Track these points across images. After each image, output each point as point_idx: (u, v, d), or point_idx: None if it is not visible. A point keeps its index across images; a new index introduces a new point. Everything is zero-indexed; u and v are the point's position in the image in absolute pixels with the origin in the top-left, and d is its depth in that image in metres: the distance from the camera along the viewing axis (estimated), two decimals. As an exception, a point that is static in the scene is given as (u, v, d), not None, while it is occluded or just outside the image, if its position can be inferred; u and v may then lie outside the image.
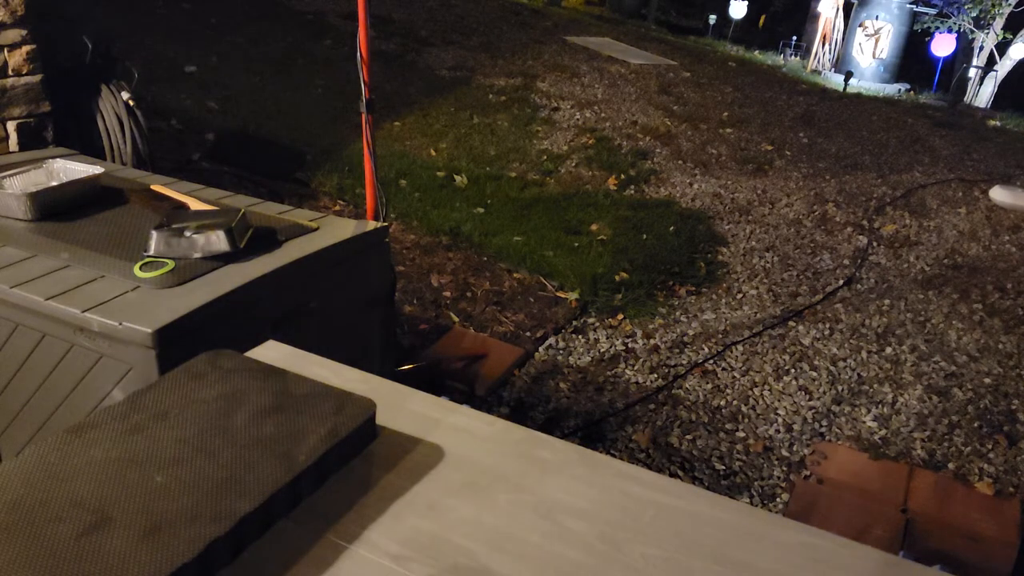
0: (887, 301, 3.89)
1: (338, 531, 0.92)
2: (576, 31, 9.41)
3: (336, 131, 5.16)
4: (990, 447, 2.86)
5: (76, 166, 2.12)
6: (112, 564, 0.79)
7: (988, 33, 10.82)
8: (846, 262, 4.32)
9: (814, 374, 3.26)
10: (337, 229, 2.04)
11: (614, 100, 6.82)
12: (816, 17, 11.59)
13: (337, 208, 4.31)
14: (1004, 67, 10.77)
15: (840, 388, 3.17)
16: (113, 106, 3.28)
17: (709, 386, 3.15)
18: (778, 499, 2.60)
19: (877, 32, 10.83)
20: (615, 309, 3.63)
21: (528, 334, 3.36)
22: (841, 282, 4.06)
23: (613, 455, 2.68)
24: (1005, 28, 10.77)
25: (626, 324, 3.53)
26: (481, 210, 4.45)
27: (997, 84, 10.79)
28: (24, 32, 2.95)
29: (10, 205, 1.91)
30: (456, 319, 3.42)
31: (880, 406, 3.08)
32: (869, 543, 0.95)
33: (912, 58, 11.30)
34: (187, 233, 1.75)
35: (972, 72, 10.86)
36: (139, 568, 0.78)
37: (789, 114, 7.15)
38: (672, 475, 2.64)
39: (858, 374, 3.28)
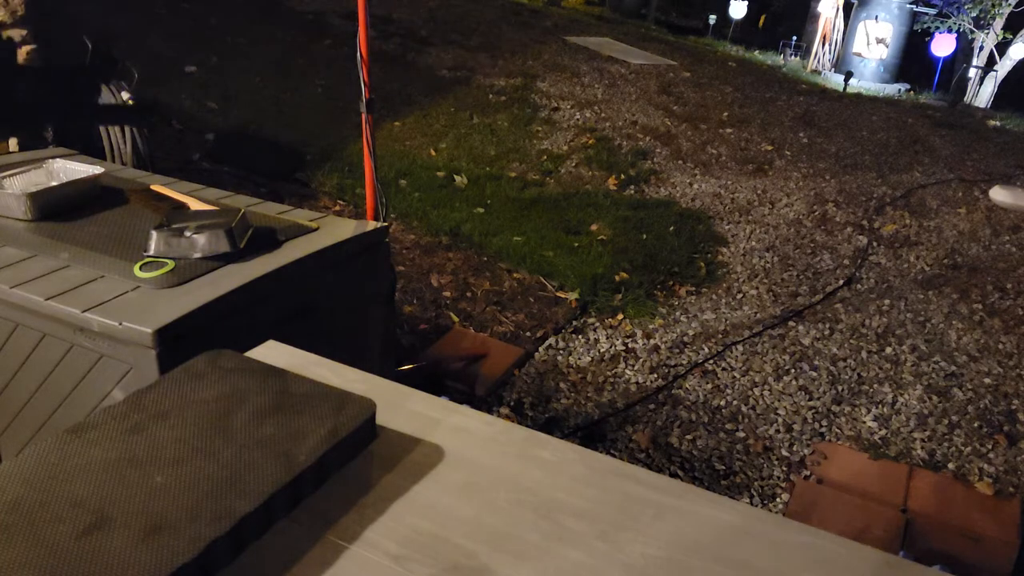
0: (887, 301, 3.89)
1: (338, 531, 0.92)
2: (576, 31, 9.41)
3: (336, 131, 5.16)
4: (990, 447, 2.86)
5: (76, 166, 2.12)
6: (112, 564, 0.79)
7: (988, 33, 10.82)
8: (846, 262, 4.32)
9: (814, 374, 3.26)
10: (337, 229, 2.04)
11: (614, 100, 6.82)
12: (816, 17, 11.59)
13: (337, 208, 4.31)
14: (1004, 67, 10.77)
15: (840, 388, 3.17)
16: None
17: (709, 386, 3.15)
18: (778, 499, 2.60)
19: (882, 40, 10.84)
20: (615, 309, 3.63)
21: (528, 334, 3.36)
22: (841, 282, 4.06)
23: (613, 455, 2.68)
24: (1005, 28, 10.76)
25: (626, 324, 3.53)
26: (481, 210, 4.45)
27: (997, 84, 10.79)
28: (24, 32, 2.95)
29: (10, 205, 1.91)
30: (456, 319, 3.42)
31: (880, 406, 3.08)
32: (869, 543, 0.95)
33: (912, 58, 11.30)
34: (187, 233, 1.75)
35: (972, 72, 10.86)
36: (139, 568, 0.78)
37: (789, 114, 7.15)
38: (672, 475, 2.64)
39: (858, 374, 3.28)
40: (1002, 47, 10.79)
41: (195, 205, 2.07)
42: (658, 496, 1.01)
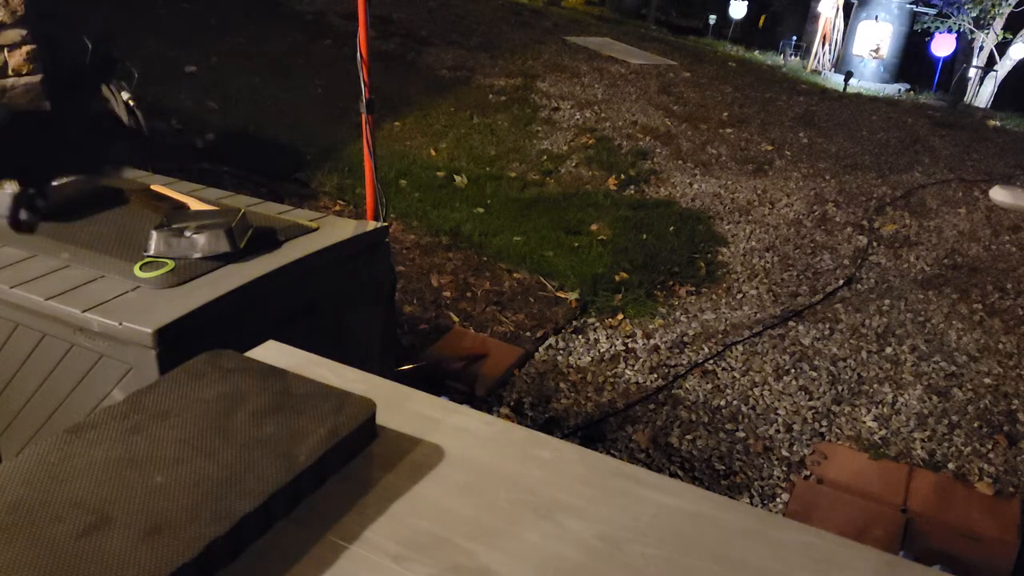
0: (887, 301, 3.89)
1: (338, 531, 0.92)
2: (576, 31, 9.41)
3: (336, 131, 5.16)
4: (990, 447, 2.87)
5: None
6: (112, 564, 0.79)
7: (988, 33, 10.82)
8: (846, 262, 4.32)
9: (814, 374, 3.26)
10: (337, 229, 2.04)
11: (614, 100, 6.82)
12: (816, 17, 11.60)
13: (337, 208, 4.31)
14: (1004, 67, 10.77)
15: (840, 388, 3.17)
16: (113, 106, 3.28)
17: (709, 386, 3.15)
18: (778, 499, 2.60)
19: (876, 49, 10.85)
20: (615, 309, 3.63)
21: (528, 334, 3.36)
22: (841, 282, 4.06)
23: (613, 455, 2.68)
24: (1005, 28, 10.77)
25: (626, 324, 3.53)
26: (481, 210, 4.45)
27: (997, 84, 10.79)
28: (24, 32, 2.95)
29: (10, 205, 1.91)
30: (456, 319, 3.42)
31: (880, 406, 3.08)
32: (869, 543, 0.95)
33: (912, 58, 11.30)
34: (187, 233, 1.75)
35: (972, 72, 10.86)
36: (139, 568, 0.78)
37: (789, 114, 7.15)
38: (672, 475, 2.64)
39: (858, 374, 3.28)
40: (1002, 47, 10.79)
41: (195, 205, 2.07)
42: (658, 496, 1.01)
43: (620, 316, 3.59)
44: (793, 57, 11.89)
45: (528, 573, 0.87)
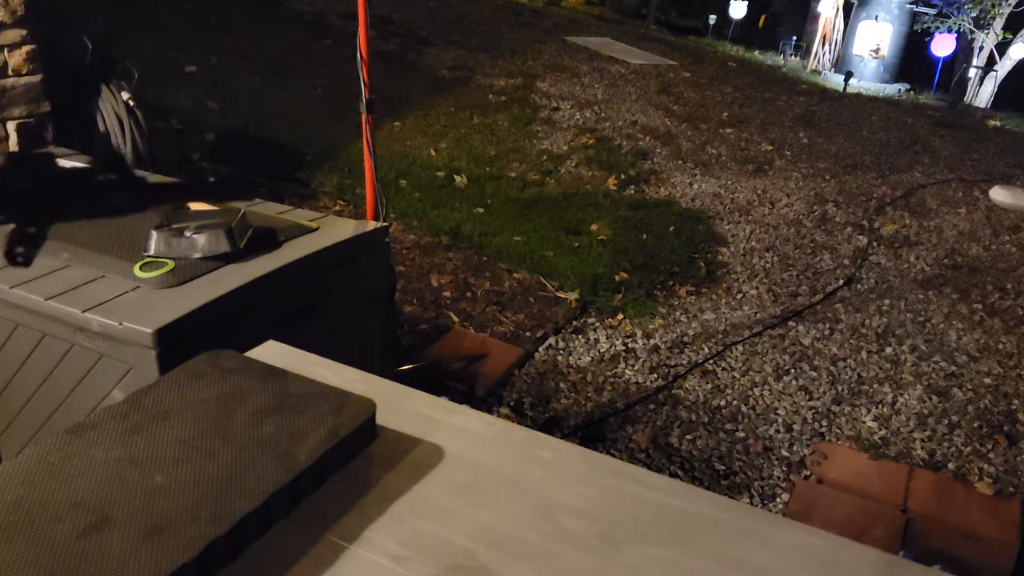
0: (887, 301, 3.89)
1: (338, 531, 0.92)
2: (576, 31, 9.41)
3: (336, 131, 5.16)
4: (990, 447, 2.87)
5: (76, 166, 2.12)
6: (112, 564, 0.79)
7: (988, 33, 10.82)
8: (846, 262, 4.32)
9: (814, 374, 3.26)
10: (337, 229, 2.04)
11: (614, 100, 6.82)
12: (816, 17, 11.60)
13: (337, 208, 4.31)
14: (1004, 67, 10.77)
15: (840, 388, 3.17)
16: (113, 106, 3.28)
17: (709, 386, 3.15)
18: (778, 499, 2.60)
19: (879, 49, 10.85)
20: (615, 309, 3.63)
21: (528, 334, 3.36)
22: (841, 282, 4.06)
23: (613, 455, 2.68)
24: (1005, 28, 10.77)
25: (626, 324, 3.53)
26: (481, 210, 4.45)
27: (997, 84, 10.79)
28: (24, 32, 2.95)
29: (10, 205, 1.91)
30: (456, 319, 3.42)
31: (880, 406, 3.08)
32: (869, 543, 0.95)
33: (912, 58, 11.30)
34: (187, 233, 1.75)
35: (972, 72, 10.86)
36: (139, 568, 0.78)
37: (789, 114, 7.15)
38: (672, 475, 2.64)
39: (858, 374, 3.28)
40: (1002, 47, 10.80)
41: (195, 205, 2.06)
42: (658, 496, 1.01)
43: (620, 316, 3.59)
44: (793, 57, 11.88)
45: (528, 573, 0.87)
